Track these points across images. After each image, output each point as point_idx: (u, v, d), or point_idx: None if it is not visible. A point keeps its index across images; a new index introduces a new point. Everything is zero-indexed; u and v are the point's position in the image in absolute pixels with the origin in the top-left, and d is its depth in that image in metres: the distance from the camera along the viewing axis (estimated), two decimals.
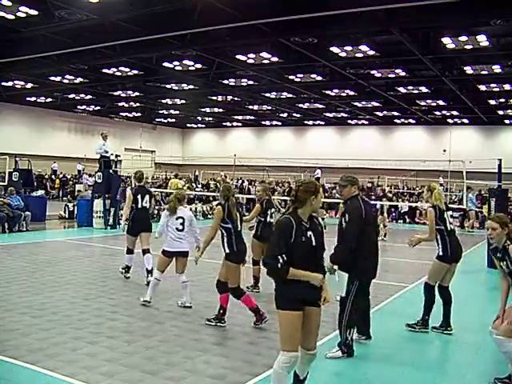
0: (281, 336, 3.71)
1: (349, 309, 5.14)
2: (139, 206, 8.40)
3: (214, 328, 6.00)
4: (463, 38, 14.34)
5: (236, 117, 35.61)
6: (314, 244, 3.71)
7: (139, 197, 8.41)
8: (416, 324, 6.16)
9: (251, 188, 26.65)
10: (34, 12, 13.42)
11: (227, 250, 6.05)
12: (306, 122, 35.96)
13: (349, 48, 15.88)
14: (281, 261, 3.53)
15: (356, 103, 26.83)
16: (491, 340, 4.66)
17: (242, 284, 6.34)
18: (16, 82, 23.94)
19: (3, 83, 24.44)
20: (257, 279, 8.19)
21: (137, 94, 26.71)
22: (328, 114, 31.50)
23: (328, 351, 5.19)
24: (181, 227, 6.80)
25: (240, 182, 29.10)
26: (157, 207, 19.10)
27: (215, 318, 6.12)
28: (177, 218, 6.82)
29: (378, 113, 29.81)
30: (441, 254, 6.04)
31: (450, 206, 7.49)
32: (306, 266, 3.62)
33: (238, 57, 17.73)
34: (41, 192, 19.72)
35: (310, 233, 3.70)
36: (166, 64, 19.39)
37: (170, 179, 25.33)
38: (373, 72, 19.26)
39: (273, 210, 8.07)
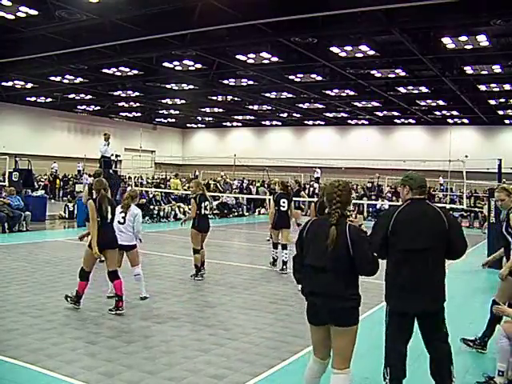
0: (346, 353, 3.58)
1: (385, 344, 4.01)
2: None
3: (214, 328, 6.00)
4: (463, 38, 14.34)
5: (236, 117, 35.61)
6: None
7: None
8: (473, 341, 5.49)
9: (252, 188, 26.68)
10: (34, 12, 13.42)
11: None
12: (306, 121, 35.96)
13: (349, 48, 15.87)
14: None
15: (356, 103, 26.83)
16: (491, 340, 4.67)
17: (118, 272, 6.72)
18: (16, 81, 23.94)
19: (3, 83, 24.45)
20: (198, 267, 8.76)
21: (137, 93, 26.70)
22: (328, 114, 31.49)
23: None
24: (122, 220, 6.93)
25: (240, 182, 29.07)
26: (156, 207, 19.12)
27: (72, 299, 6.52)
28: (120, 212, 6.98)
29: (378, 113, 29.81)
30: None
31: (451, 206, 7.41)
32: None
33: (238, 57, 17.73)
34: (41, 192, 19.73)
35: None
36: (166, 64, 19.39)
37: (164, 179, 25.37)
38: (373, 72, 19.26)
39: (207, 203, 8.98)
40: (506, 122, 30.45)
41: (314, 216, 8.39)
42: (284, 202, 9.73)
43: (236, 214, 23.18)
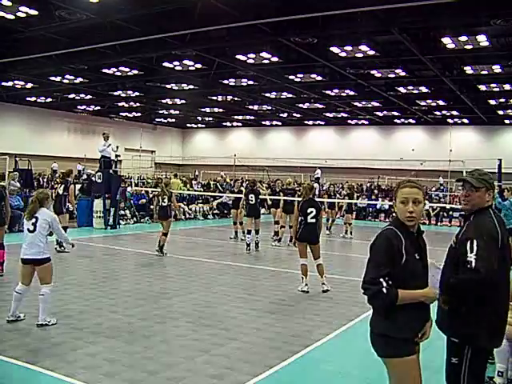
0: None
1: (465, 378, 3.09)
2: None
3: (214, 328, 6.00)
4: (463, 38, 14.33)
5: (236, 117, 35.60)
6: (424, 262, 2.97)
7: None
8: None
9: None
10: (34, 12, 13.41)
11: None
12: (306, 121, 35.95)
13: (349, 48, 15.87)
14: (384, 284, 2.77)
15: (356, 103, 26.81)
16: None
17: None
18: (16, 82, 23.93)
19: (3, 83, 24.43)
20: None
21: (137, 93, 26.69)
22: (328, 114, 31.48)
23: None
24: (31, 228, 5.80)
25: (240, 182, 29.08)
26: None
27: None
28: (30, 219, 5.87)
29: (378, 113, 29.80)
30: None
31: (451, 206, 7.35)
32: (417, 287, 2.87)
33: (238, 57, 17.72)
34: None
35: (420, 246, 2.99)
36: (166, 64, 19.38)
37: (159, 179, 25.30)
38: (373, 72, 19.25)
39: (165, 198, 11.36)
40: (506, 122, 30.44)
41: (297, 216, 8.36)
42: (252, 197, 12.82)
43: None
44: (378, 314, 2.93)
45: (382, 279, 2.77)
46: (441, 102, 25.11)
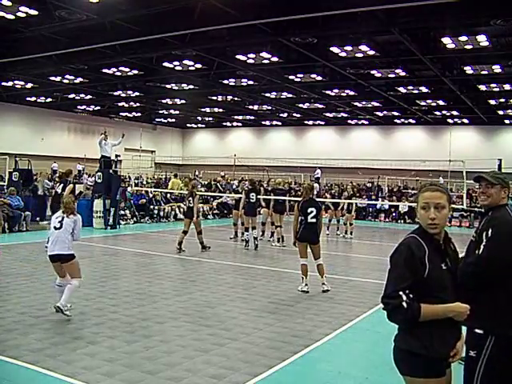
0: None
1: (479, 374, 3.02)
2: None
3: (214, 328, 6.00)
4: (463, 38, 14.32)
5: (236, 117, 35.59)
6: (453, 271, 2.75)
7: None
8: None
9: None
10: (34, 12, 13.40)
11: None
12: (306, 121, 35.93)
13: (349, 48, 15.85)
14: (404, 298, 2.54)
15: (356, 103, 26.80)
16: None
17: None
18: (16, 82, 23.92)
19: (3, 83, 24.42)
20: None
21: (137, 93, 26.68)
22: (328, 114, 31.47)
23: None
24: (58, 225, 6.27)
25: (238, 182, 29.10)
26: (156, 207, 19.12)
27: None
28: (57, 217, 6.37)
29: (378, 113, 29.79)
30: None
31: (451, 206, 7.30)
32: (444, 301, 2.61)
33: (238, 57, 17.71)
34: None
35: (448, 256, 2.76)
36: (166, 64, 19.37)
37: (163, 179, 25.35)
38: (373, 72, 19.24)
39: (192, 199, 12.07)
40: (506, 122, 30.43)
41: (297, 216, 8.35)
42: (253, 195, 13.21)
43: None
44: (402, 329, 2.69)
45: (401, 292, 2.55)
46: (441, 102, 25.10)
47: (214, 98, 27.24)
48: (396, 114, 29.78)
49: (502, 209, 3.26)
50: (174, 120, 38.50)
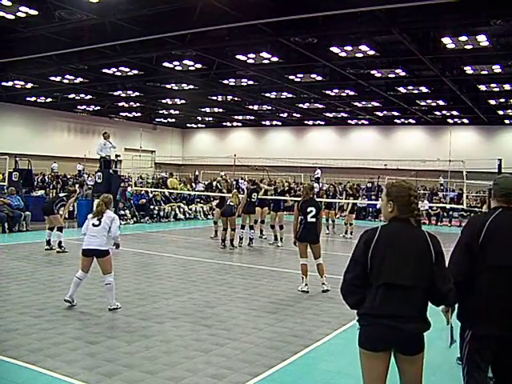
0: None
1: (464, 377, 3.24)
2: None
3: (214, 328, 6.00)
4: (463, 38, 14.33)
5: (236, 117, 35.60)
6: None
7: None
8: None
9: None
10: (34, 12, 13.40)
11: None
12: (306, 122, 35.94)
13: (349, 48, 15.86)
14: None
15: (356, 103, 26.81)
16: None
17: None
18: (16, 82, 23.92)
19: (3, 83, 24.42)
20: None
21: (137, 93, 26.69)
22: (328, 114, 31.48)
23: None
24: (97, 222, 6.67)
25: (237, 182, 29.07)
26: (156, 207, 19.12)
27: None
28: (93, 217, 6.79)
29: (378, 113, 29.80)
30: None
31: (451, 206, 7.31)
32: None
33: (238, 57, 17.71)
34: (41, 192, 19.72)
35: None
36: (166, 64, 19.37)
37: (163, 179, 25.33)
38: (373, 72, 19.25)
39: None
40: (506, 122, 30.43)
41: (297, 216, 8.33)
42: (254, 195, 13.60)
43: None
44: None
45: None
46: (441, 102, 25.10)
47: (214, 97, 27.24)
48: (396, 113, 29.78)
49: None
50: (173, 120, 38.51)
